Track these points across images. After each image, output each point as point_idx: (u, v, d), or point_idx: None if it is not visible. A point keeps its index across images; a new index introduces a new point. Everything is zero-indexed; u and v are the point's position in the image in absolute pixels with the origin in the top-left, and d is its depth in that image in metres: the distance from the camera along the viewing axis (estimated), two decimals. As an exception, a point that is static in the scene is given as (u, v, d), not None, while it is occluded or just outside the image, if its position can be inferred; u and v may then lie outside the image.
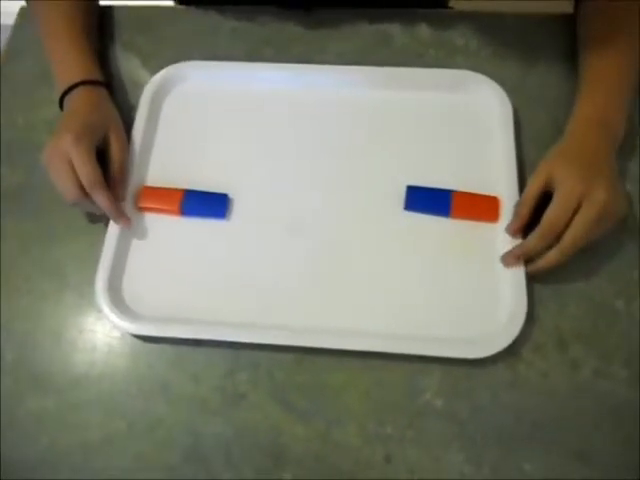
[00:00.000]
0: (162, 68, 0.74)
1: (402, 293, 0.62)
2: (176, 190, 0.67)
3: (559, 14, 0.76)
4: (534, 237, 0.60)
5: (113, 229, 0.66)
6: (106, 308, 0.62)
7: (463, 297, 0.62)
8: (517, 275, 0.61)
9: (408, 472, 0.57)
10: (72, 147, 0.62)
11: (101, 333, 0.64)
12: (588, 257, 0.62)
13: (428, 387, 0.59)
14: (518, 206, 0.62)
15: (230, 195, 0.67)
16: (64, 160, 0.62)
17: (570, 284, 0.62)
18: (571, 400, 0.58)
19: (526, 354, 0.60)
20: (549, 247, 0.60)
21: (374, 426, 0.58)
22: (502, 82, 0.70)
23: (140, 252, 0.66)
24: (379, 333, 0.60)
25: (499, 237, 0.63)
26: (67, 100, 0.69)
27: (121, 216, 0.65)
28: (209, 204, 0.67)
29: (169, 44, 0.78)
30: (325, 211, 0.66)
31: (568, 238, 0.59)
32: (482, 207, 0.64)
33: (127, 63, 0.78)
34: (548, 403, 0.58)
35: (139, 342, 0.63)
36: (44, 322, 0.65)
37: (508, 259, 0.61)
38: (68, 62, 0.70)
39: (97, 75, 0.71)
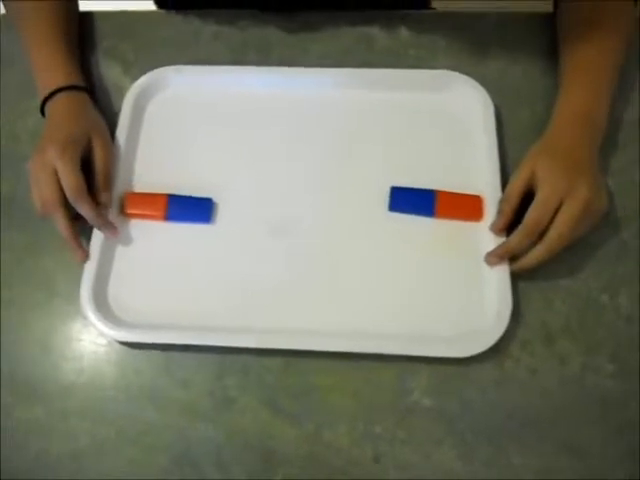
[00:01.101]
0: (144, 74, 0.74)
1: (388, 293, 0.63)
2: (160, 195, 0.67)
3: (539, 12, 0.77)
4: (517, 236, 0.60)
5: (97, 236, 0.65)
6: (92, 315, 0.62)
7: (449, 296, 0.62)
8: (502, 273, 0.61)
9: (399, 470, 0.57)
10: (57, 159, 0.62)
11: (88, 341, 0.63)
12: (572, 253, 0.63)
13: (416, 386, 0.59)
14: (501, 204, 0.63)
15: (214, 199, 0.67)
16: (49, 171, 0.62)
17: (555, 280, 0.63)
18: (560, 395, 0.59)
19: (513, 351, 0.60)
20: (532, 245, 0.60)
21: (363, 426, 0.58)
22: (483, 81, 0.70)
23: (125, 258, 0.66)
24: (366, 334, 0.60)
25: (484, 236, 0.63)
26: (49, 106, 0.68)
27: (106, 225, 0.65)
28: (194, 209, 0.67)
29: (150, 49, 0.78)
30: (310, 213, 0.67)
31: (553, 235, 0.59)
32: (466, 206, 0.65)
33: (109, 69, 0.77)
34: (537, 399, 0.59)
35: (126, 349, 0.63)
36: (31, 331, 0.64)
37: (491, 259, 0.62)
38: (49, 68, 0.70)
39: (79, 80, 0.70)
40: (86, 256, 0.64)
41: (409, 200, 0.65)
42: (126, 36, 0.79)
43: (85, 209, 0.63)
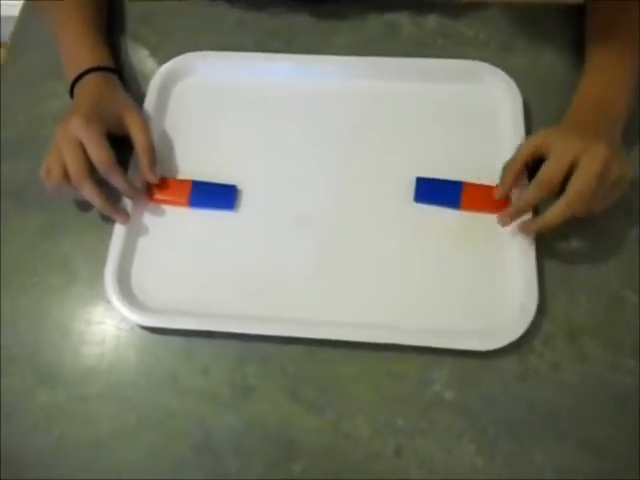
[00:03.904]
0: (169, 59, 0.74)
1: (412, 285, 0.62)
2: (184, 181, 0.67)
3: (568, 4, 0.76)
4: (530, 191, 0.58)
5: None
6: (115, 299, 0.62)
7: (473, 289, 0.62)
8: (528, 266, 0.60)
9: (419, 464, 0.56)
10: (82, 129, 0.62)
11: (110, 325, 0.64)
12: (599, 249, 0.62)
13: (438, 379, 0.59)
14: (503, 171, 0.62)
15: (238, 187, 0.67)
16: (74, 143, 0.62)
17: (581, 276, 0.62)
18: (582, 391, 0.58)
19: (537, 346, 0.60)
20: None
21: (384, 418, 0.58)
22: (511, 72, 0.69)
23: (149, 243, 0.66)
24: (389, 325, 0.60)
25: (509, 228, 0.63)
26: (78, 87, 0.68)
27: (139, 194, 0.65)
28: (218, 196, 0.66)
29: (175, 35, 0.78)
30: (334, 203, 0.66)
31: (571, 190, 0.56)
32: (492, 199, 0.64)
33: (135, 54, 0.77)
34: (559, 394, 0.58)
35: (148, 334, 0.63)
36: (52, 315, 0.64)
37: (504, 217, 0.61)
38: (79, 49, 0.70)
39: (109, 62, 0.70)
40: (127, 216, 0.64)
41: (435, 191, 0.65)
42: (152, 21, 0.79)
43: (116, 179, 0.63)
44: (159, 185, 0.67)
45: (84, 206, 0.68)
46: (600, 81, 0.64)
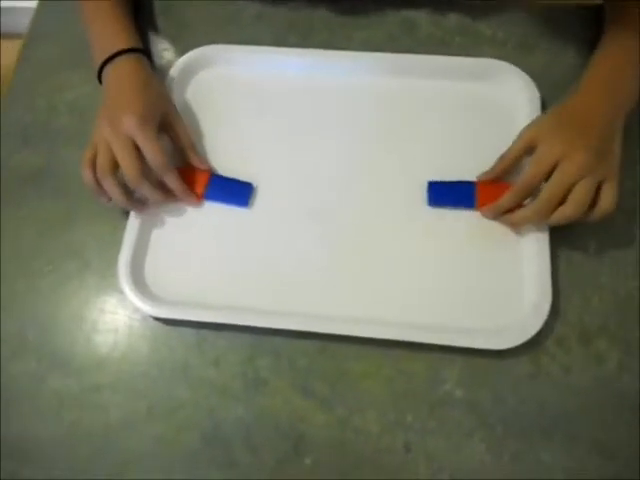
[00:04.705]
0: (186, 51, 0.74)
1: (425, 283, 0.62)
2: (203, 173, 0.67)
3: (587, 4, 0.75)
4: (508, 195, 0.60)
5: (135, 214, 0.66)
6: (128, 290, 0.62)
7: (486, 288, 0.61)
8: (542, 267, 0.60)
9: (428, 460, 0.57)
10: (137, 130, 0.61)
11: (122, 315, 0.64)
12: (612, 250, 0.62)
13: (449, 377, 0.59)
14: (498, 160, 0.63)
15: (253, 180, 0.67)
16: (128, 144, 0.61)
17: (594, 277, 0.62)
18: (593, 394, 0.58)
19: (549, 347, 0.60)
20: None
21: (394, 414, 0.58)
22: (530, 72, 0.69)
23: (162, 235, 0.66)
24: (401, 322, 0.60)
25: (524, 227, 0.63)
26: (109, 70, 0.67)
27: (190, 194, 0.66)
28: (233, 192, 0.66)
29: (194, 28, 0.78)
30: (348, 198, 0.66)
31: (542, 196, 0.58)
32: None
33: (153, 47, 0.77)
34: (570, 396, 0.58)
35: (160, 325, 0.63)
36: (66, 303, 0.65)
37: (486, 213, 0.63)
38: (109, 32, 0.69)
39: (139, 43, 0.70)
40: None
41: (448, 194, 0.65)
42: (170, 14, 0.79)
43: (172, 180, 0.64)
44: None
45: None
46: (608, 64, 0.64)
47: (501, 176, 0.63)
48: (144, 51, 0.69)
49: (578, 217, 0.58)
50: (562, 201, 0.58)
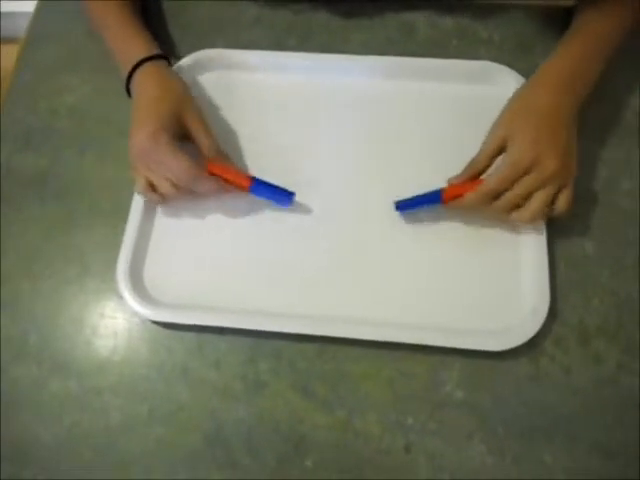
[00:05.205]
0: (187, 55, 0.74)
1: (425, 284, 0.62)
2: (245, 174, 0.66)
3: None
4: (475, 195, 0.60)
5: (134, 218, 0.66)
6: (127, 294, 0.62)
7: (486, 289, 0.62)
8: (541, 268, 0.60)
9: (428, 462, 0.57)
10: (150, 149, 0.61)
11: (122, 319, 0.64)
12: (610, 251, 0.63)
13: (449, 379, 0.59)
14: (469, 165, 0.63)
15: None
16: (153, 162, 0.62)
17: (593, 278, 0.62)
18: (593, 394, 0.58)
19: (548, 348, 0.60)
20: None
21: (395, 416, 0.58)
22: (525, 74, 0.69)
23: (162, 239, 0.66)
24: (402, 324, 0.60)
25: (522, 230, 0.63)
26: (135, 80, 0.66)
27: (231, 191, 0.64)
28: (276, 192, 0.65)
29: (194, 32, 0.78)
30: (347, 201, 0.66)
31: (509, 195, 0.59)
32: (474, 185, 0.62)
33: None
34: (570, 397, 0.58)
35: (160, 328, 0.63)
36: (66, 307, 0.65)
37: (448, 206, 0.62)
38: (125, 44, 0.68)
39: (158, 49, 0.68)
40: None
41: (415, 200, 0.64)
42: (170, 17, 0.79)
43: (206, 187, 0.63)
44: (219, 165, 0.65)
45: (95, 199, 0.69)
46: (571, 57, 0.64)
47: (470, 180, 0.62)
48: (162, 55, 0.68)
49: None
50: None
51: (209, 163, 0.64)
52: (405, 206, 0.64)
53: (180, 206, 0.67)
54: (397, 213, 0.65)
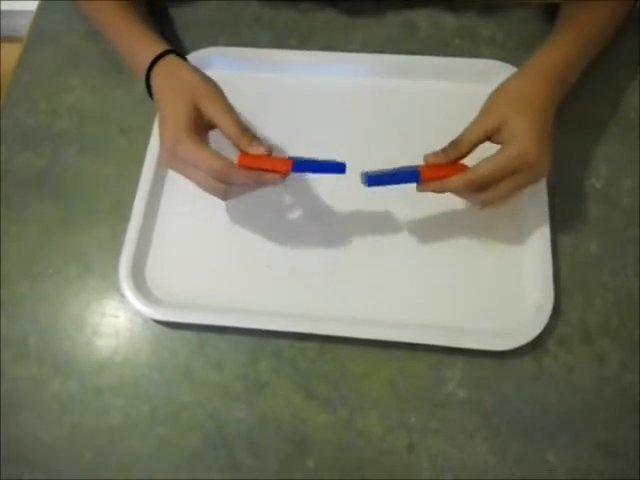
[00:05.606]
0: (186, 54, 0.73)
1: (427, 284, 0.62)
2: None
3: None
4: (461, 181, 0.57)
5: (136, 217, 0.66)
6: (129, 293, 0.62)
7: (489, 289, 0.62)
8: (544, 268, 0.60)
9: (431, 461, 0.56)
10: (179, 155, 0.57)
11: (124, 318, 0.64)
12: (614, 251, 0.62)
13: (452, 378, 0.59)
14: (451, 145, 0.59)
15: None
16: (185, 166, 0.58)
17: (596, 277, 0.62)
18: (597, 393, 0.58)
19: (552, 347, 0.60)
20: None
21: (397, 415, 0.58)
22: (528, 73, 0.69)
23: (163, 238, 0.66)
24: (403, 323, 0.60)
25: (526, 229, 0.63)
26: (152, 85, 0.63)
27: (270, 178, 0.58)
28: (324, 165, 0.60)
29: (194, 30, 0.78)
30: (348, 200, 0.66)
31: (497, 191, 0.57)
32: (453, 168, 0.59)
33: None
34: (573, 396, 0.58)
35: (161, 328, 0.63)
36: (67, 307, 0.65)
37: (424, 187, 0.58)
38: (135, 47, 0.65)
39: (166, 46, 0.65)
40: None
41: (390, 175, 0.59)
42: (169, 16, 0.79)
43: (243, 180, 0.57)
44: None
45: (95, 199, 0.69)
46: (564, 50, 0.63)
47: (453, 162, 0.58)
48: (174, 50, 0.65)
49: None
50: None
51: (240, 156, 0.59)
52: (376, 181, 0.58)
53: (181, 206, 0.67)
54: (398, 213, 0.64)
